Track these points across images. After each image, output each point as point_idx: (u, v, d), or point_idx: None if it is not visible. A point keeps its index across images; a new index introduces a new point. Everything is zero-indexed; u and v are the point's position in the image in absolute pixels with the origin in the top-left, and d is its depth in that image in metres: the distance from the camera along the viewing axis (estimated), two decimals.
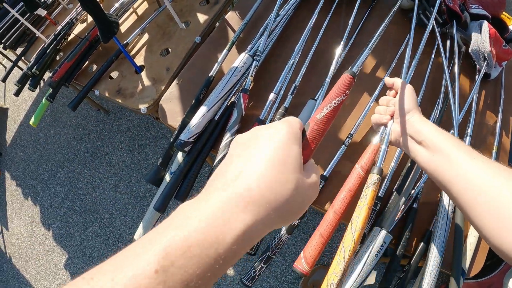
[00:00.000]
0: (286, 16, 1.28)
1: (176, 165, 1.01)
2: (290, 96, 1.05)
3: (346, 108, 1.10)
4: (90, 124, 2.66)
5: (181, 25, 1.41)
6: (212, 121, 1.00)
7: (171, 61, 1.33)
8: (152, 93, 1.26)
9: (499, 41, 1.31)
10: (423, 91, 1.14)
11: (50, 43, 1.59)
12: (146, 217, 1.03)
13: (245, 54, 1.08)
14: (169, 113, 1.14)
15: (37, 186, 2.61)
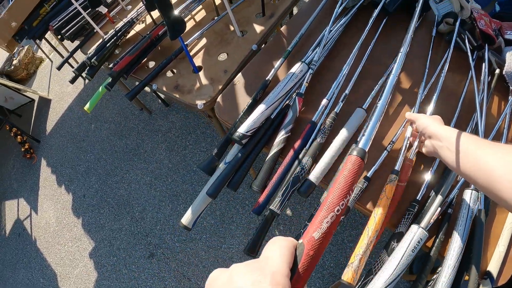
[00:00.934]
0: (338, 32, 1.41)
1: (231, 157, 1.13)
2: (340, 102, 1.16)
3: (390, 117, 1.21)
4: (131, 122, 2.82)
5: (239, 33, 1.56)
6: (269, 119, 1.13)
7: (229, 65, 1.47)
8: (210, 91, 1.40)
9: None
10: (458, 111, 1.24)
11: (111, 37, 1.77)
12: (196, 201, 1.14)
13: (301, 63, 1.21)
14: (225, 109, 1.27)
15: (72, 175, 2.77)
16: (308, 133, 1.09)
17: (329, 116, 1.13)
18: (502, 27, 1.57)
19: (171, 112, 2.80)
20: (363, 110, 1.14)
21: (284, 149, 1.10)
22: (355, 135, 1.13)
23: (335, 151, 1.06)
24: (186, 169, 2.47)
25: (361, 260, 0.86)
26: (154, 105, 2.88)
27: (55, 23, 2.13)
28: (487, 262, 0.96)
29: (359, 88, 1.26)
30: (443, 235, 0.97)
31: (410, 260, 0.86)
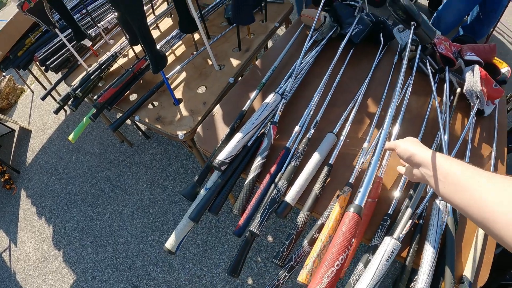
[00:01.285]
0: (309, 63, 1.53)
1: (211, 183, 1.20)
2: (312, 129, 1.27)
3: (358, 140, 1.31)
4: (112, 154, 2.87)
5: (217, 67, 1.66)
6: (246, 146, 1.22)
7: (207, 97, 1.57)
8: (190, 122, 1.48)
9: (490, 82, 1.54)
10: (423, 130, 1.35)
11: (95, 70, 1.85)
12: (179, 226, 1.20)
13: (275, 94, 1.31)
14: (205, 139, 1.35)
15: (53, 207, 2.77)
16: (282, 158, 1.18)
17: (302, 142, 1.23)
18: (462, 49, 1.74)
19: (152, 144, 2.86)
20: (333, 134, 1.25)
21: (261, 174, 1.19)
22: (327, 157, 1.22)
23: (309, 173, 1.15)
24: (168, 200, 2.52)
25: (314, 262, 0.96)
26: (134, 137, 2.94)
27: (40, 54, 2.21)
28: (463, 267, 1.05)
29: (329, 114, 1.37)
30: (416, 245, 1.06)
31: (385, 270, 0.94)
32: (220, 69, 1.69)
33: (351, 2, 1.80)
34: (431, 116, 1.41)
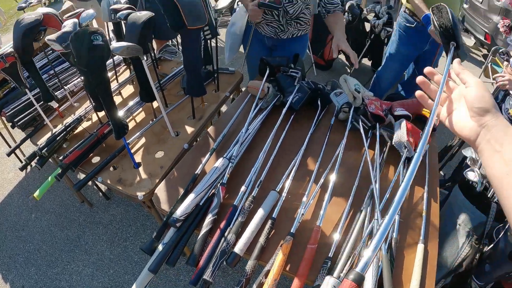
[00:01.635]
0: (255, 129, 1.77)
1: (168, 238, 1.37)
2: (257, 188, 1.47)
3: (298, 195, 1.53)
4: (72, 214, 2.93)
5: (173, 133, 1.87)
6: (198, 205, 1.40)
7: (164, 161, 1.76)
8: (148, 184, 1.66)
9: (416, 132, 1.82)
10: (357, 181, 1.59)
11: (61, 132, 2.00)
12: (139, 278, 1.35)
13: (223, 158, 1.53)
14: (162, 199, 1.53)
15: (10, 265, 2.76)
16: (231, 215, 1.37)
17: (248, 200, 1.42)
18: (392, 106, 2.04)
19: (112, 205, 2.96)
20: (275, 192, 1.45)
21: (212, 229, 1.36)
22: (271, 212, 1.41)
23: (255, 227, 1.34)
24: (128, 260, 2.59)
25: None
26: (95, 197, 3.03)
27: (8, 110, 2.30)
28: None
29: (272, 173, 1.59)
30: None
31: None
32: (176, 136, 1.89)
33: (291, 73, 2.08)
34: (365, 167, 1.65)
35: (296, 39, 2.53)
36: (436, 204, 1.61)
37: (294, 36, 2.50)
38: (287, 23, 2.40)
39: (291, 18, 2.37)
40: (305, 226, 1.40)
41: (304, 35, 2.59)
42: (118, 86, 2.41)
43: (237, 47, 2.72)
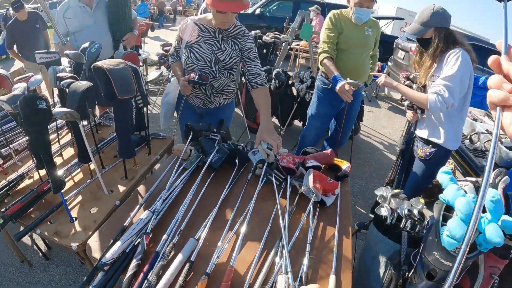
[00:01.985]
0: (180, 186, 2.05)
1: (97, 281, 1.57)
2: (177, 236, 1.72)
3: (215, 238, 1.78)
4: (12, 274, 2.98)
5: (107, 192, 2.10)
6: (124, 252, 1.63)
7: (98, 216, 1.99)
8: (82, 236, 1.87)
9: (324, 179, 2.16)
10: (269, 227, 1.86)
11: (4, 187, 2.16)
12: None
13: (147, 211, 1.78)
14: (93, 248, 1.74)
15: None
16: (153, 260, 1.60)
17: (169, 246, 1.66)
18: (305, 159, 2.41)
19: (51, 266, 3.04)
20: (194, 239, 1.71)
21: (136, 273, 1.57)
22: (189, 256, 1.65)
23: (174, 270, 1.57)
24: None
25: None
26: (35, 258, 3.10)
27: None
28: None
29: (193, 224, 1.85)
30: None
31: None
32: (109, 194, 2.13)
33: (212, 136, 2.41)
34: (277, 214, 1.92)
35: (223, 107, 2.92)
36: (349, 240, 1.88)
37: (220, 105, 2.89)
38: (213, 95, 2.79)
39: (217, 91, 2.76)
40: (220, 267, 1.65)
41: (230, 103, 2.97)
42: (59, 148, 2.63)
43: (171, 114, 3.08)
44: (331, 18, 3.58)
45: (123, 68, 2.02)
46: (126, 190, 2.16)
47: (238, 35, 2.66)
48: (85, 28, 4.00)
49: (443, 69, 2.71)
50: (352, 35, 3.58)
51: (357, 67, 3.73)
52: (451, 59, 2.65)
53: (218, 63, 2.66)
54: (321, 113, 4.00)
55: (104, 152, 2.60)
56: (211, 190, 2.09)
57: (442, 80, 2.65)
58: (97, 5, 4.08)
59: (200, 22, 2.66)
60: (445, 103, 2.63)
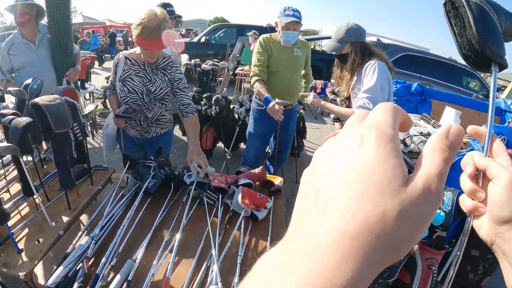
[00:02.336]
0: (120, 211, 2.26)
1: None
2: (115, 258, 1.93)
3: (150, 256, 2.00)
4: None
5: (51, 223, 2.28)
6: (67, 276, 1.82)
7: (43, 246, 2.16)
8: (29, 265, 2.04)
9: (253, 194, 2.38)
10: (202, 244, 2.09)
11: None
12: None
13: (87, 237, 1.98)
14: (39, 276, 1.92)
15: None
16: (93, 282, 1.78)
17: (108, 268, 1.87)
18: (238, 178, 2.64)
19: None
20: (131, 260, 1.92)
21: None
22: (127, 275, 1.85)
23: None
24: None
25: None
26: None
27: None
28: None
29: (131, 246, 2.06)
30: None
31: None
32: (54, 224, 2.30)
33: (147, 164, 2.64)
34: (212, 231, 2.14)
35: (160, 136, 3.16)
36: None
37: (158, 134, 3.13)
38: (148, 126, 3.03)
39: (151, 121, 3.01)
40: (156, 284, 1.85)
41: (167, 132, 3.21)
42: (6, 184, 2.76)
43: (113, 145, 3.29)
44: (260, 42, 3.91)
45: (58, 103, 2.22)
46: (70, 220, 2.34)
47: (167, 66, 2.94)
48: (29, 64, 4.16)
49: (362, 81, 3.03)
50: (281, 57, 3.93)
51: (289, 87, 4.05)
52: (369, 71, 2.97)
53: (149, 94, 2.92)
54: (258, 134, 4.28)
55: (49, 185, 2.76)
56: (149, 214, 2.31)
57: (364, 93, 2.93)
58: (40, 41, 4.24)
59: (131, 56, 2.91)
60: None
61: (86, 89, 7.38)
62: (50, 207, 2.47)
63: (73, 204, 2.46)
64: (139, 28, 2.57)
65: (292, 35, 3.80)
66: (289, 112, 4.25)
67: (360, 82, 3.07)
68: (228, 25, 17.97)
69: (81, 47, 14.33)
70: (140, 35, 2.58)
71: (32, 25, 4.19)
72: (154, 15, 2.57)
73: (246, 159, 4.49)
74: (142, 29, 2.56)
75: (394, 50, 11.77)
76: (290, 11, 3.72)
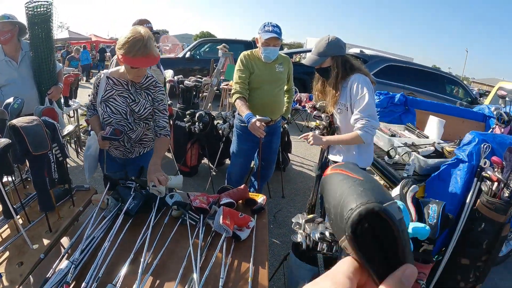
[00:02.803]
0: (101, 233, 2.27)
1: None
2: (95, 283, 1.93)
3: None
4: None
5: (32, 246, 2.28)
6: None
7: (24, 270, 2.15)
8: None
9: (234, 214, 2.35)
10: (183, 266, 2.09)
11: None
12: None
13: (67, 261, 1.99)
14: None
15: None
16: None
17: None
18: (220, 197, 2.65)
19: None
20: (112, 285, 1.92)
21: None
22: None
23: None
24: None
25: None
26: None
27: None
28: None
29: (111, 269, 2.07)
30: None
31: None
32: (34, 248, 2.30)
33: (128, 184, 2.65)
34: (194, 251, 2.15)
35: (144, 155, 3.18)
36: (265, 270, 2.07)
37: (141, 154, 3.15)
38: (132, 146, 3.05)
39: (135, 141, 3.03)
40: None
41: (150, 151, 3.24)
42: None
43: (94, 166, 3.29)
44: (241, 59, 3.98)
45: (36, 125, 2.21)
46: (50, 243, 2.33)
47: (150, 86, 2.96)
48: (11, 82, 4.15)
49: (350, 98, 3.07)
50: (262, 73, 4.00)
51: (271, 104, 4.11)
52: (357, 89, 2.98)
53: (133, 114, 2.94)
54: (242, 150, 4.31)
55: (31, 206, 2.75)
56: (130, 236, 2.32)
57: (361, 113, 2.96)
58: (22, 59, 4.25)
59: (112, 76, 2.93)
60: (374, 129, 2.98)
61: (70, 106, 7.36)
62: (31, 229, 2.47)
63: (54, 226, 2.46)
64: (125, 46, 2.59)
65: (272, 51, 3.86)
66: (273, 128, 4.30)
67: (345, 96, 3.11)
68: (214, 40, 18.22)
69: (69, 63, 14.22)
70: (128, 53, 2.59)
71: (14, 42, 4.20)
72: (139, 33, 2.60)
73: (231, 176, 4.52)
74: (129, 47, 2.58)
75: (378, 61, 11.99)
76: (270, 27, 3.78)
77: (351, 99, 3.06)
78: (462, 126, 5.72)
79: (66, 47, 24.69)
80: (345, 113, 3.22)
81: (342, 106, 3.18)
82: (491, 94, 10.37)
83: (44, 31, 4.26)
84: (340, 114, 3.29)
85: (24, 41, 4.37)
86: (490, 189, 3.08)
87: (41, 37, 4.24)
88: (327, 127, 3.56)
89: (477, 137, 3.50)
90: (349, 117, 3.13)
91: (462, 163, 3.48)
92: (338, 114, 3.30)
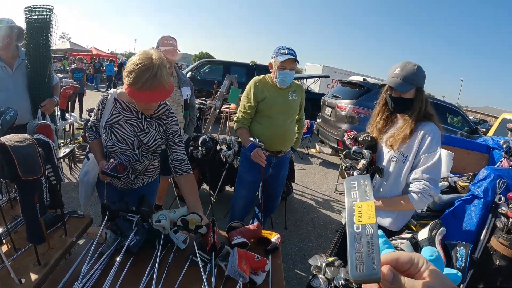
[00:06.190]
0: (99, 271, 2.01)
1: None
2: None
3: None
4: None
5: (17, 281, 2.00)
6: None
7: None
8: None
9: (251, 257, 2.11)
10: None
11: None
12: None
13: None
14: None
15: None
16: None
17: None
18: (230, 236, 2.41)
19: None
20: None
21: None
22: None
23: None
24: None
25: None
26: None
27: None
28: None
29: None
30: None
31: None
32: (20, 283, 2.02)
33: (129, 217, 2.36)
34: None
35: (148, 184, 2.90)
36: None
37: (144, 184, 2.86)
38: (136, 177, 2.76)
39: (139, 173, 2.73)
40: None
41: (155, 180, 2.96)
42: None
43: (91, 193, 2.99)
44: (251, 86, 3.77)
45: (28, 145, 1.92)
46: (39, 278, 2.05)
47: (163, 115, 2.62)
48: (4, 89, 3.94)
49: (417, 151, 2.56)
50: (275, 100, 3.76)
51: (282, 134, 3.89)
52: (430, 143, 2.50)
53: (141, 145, 2.62)
54: (246, 181, 4.06)
55: (18, 232, 2.47)
56: (131, 276, 2.05)
57: (425, 174, 2.48)
58: (18, 67, 4.05)
59: (121, 99, 2.59)
60: (431, 198, 2.50)
61: (66, 120, 7.12)
62: (18, 260, 2.20)
63: (44, 259, 2.18)
64: (131, 76, 2.19)
65: (288, 74, 3.59)
66: (281, 160, 4.11)
67: (409, 146, 2.58)
68: (215, 62, 18.34)
69: (72, 75, 14.10)
70: (133, 84, 2.20)
71: (12, 48, 4.01)
72: (149, 59, 2.19)
73: (234, 209, 4.27)
74: (136, 77, 2.17)
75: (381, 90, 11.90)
76: (285, 49, 3.55)
77: (417, 153, 2.55)
78: (468, 158, 5.59)
79: (74, 61, 24.91)
80: (401, 165, 2.66)
81: (400, 156, 2.63)
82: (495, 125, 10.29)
83: (42, 38, 4.06)
84: (396, 164, 2.69)
85: (22, 49, 4.18)
86: (505, 225, 3.04)
87: (39, 43, 4.04)
88: (367, 167, 2.81)
89: (493, 172, 3.43)
90: (404, 170, 2.63)
91: (477, 199, 3.40)
92: (393, 162, 2.70)
